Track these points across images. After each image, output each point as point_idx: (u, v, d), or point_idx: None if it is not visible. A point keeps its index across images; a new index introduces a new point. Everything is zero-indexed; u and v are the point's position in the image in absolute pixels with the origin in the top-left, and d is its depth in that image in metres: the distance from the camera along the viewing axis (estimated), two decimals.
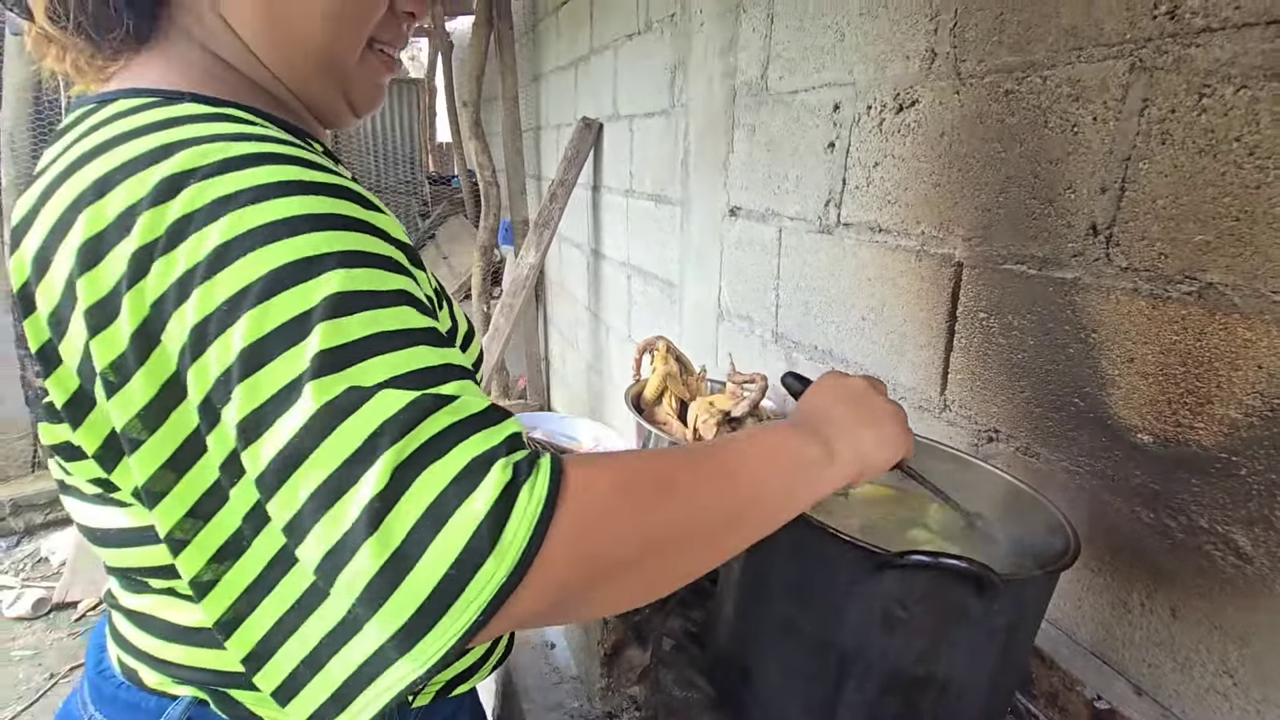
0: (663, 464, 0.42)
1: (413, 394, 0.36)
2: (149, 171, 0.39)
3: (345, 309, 0.37)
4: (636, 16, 2.00)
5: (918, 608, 0.51)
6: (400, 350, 0.37)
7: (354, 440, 0.35)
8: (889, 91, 1.03)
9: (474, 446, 0.36)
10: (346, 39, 0.52)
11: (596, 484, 0.38)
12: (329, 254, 0.38)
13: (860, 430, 0.50)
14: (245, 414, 0.36)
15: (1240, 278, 0.62)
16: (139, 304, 0.38)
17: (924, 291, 0.99)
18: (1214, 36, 0.62)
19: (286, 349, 0.36)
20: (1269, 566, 0.62)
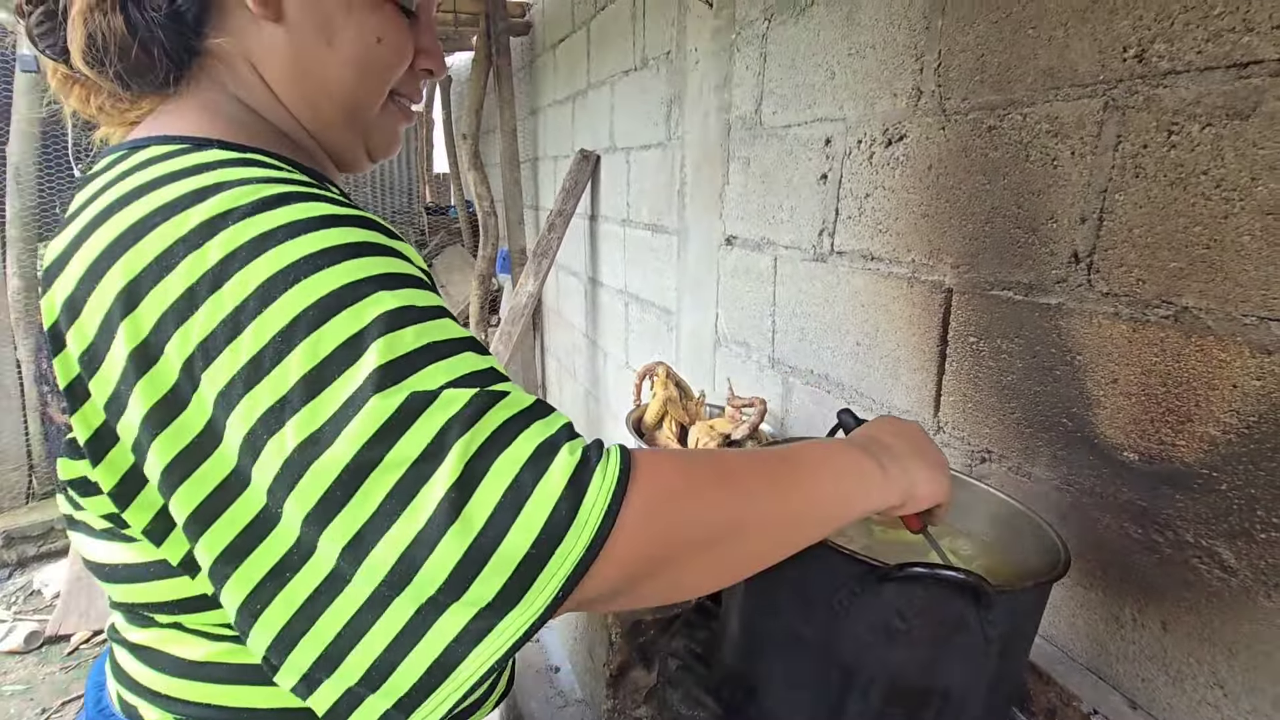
0: (725, 459, 0.45)
1: (471, 391, 0.38)
2: (186, 214, 0.40)
3: (396, 324, 0.39)
4: (633, 54, 2.07)
5: (917, 619, 0.53)
6: (452, 357, 0.40)
7: (423, 439, 0.36)
8: (878, 127, 1.08)
9: (536, 434, 0.38)
10: (371, 91, 0.55)
11: (664, 470, 0.40)
12: (370, 277, 0.40)
13: (913, 460, 0.53)
14: (307, 434, 0.37)
15: (1213, 302, 0.65)
16: (184, 343, 0.39)
17: (916, 317, 1.03)
18: (1179, 78, 0.67)
19: (345, 369, 0.37)
20: (1252, 578, 0.64)
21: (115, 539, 0.47)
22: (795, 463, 0.47)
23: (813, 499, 0.47)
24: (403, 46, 0.55)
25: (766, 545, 0.45)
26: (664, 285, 1.99)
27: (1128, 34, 0.71)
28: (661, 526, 0.39)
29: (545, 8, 3.03)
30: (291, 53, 0.52)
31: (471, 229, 4.94)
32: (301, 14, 0.51)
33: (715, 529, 0.42)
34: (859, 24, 1.10)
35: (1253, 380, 0.63)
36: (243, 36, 0.52)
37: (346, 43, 0.52)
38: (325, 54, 0.52)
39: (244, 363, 0.38)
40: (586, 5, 2.46)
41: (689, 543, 0.41)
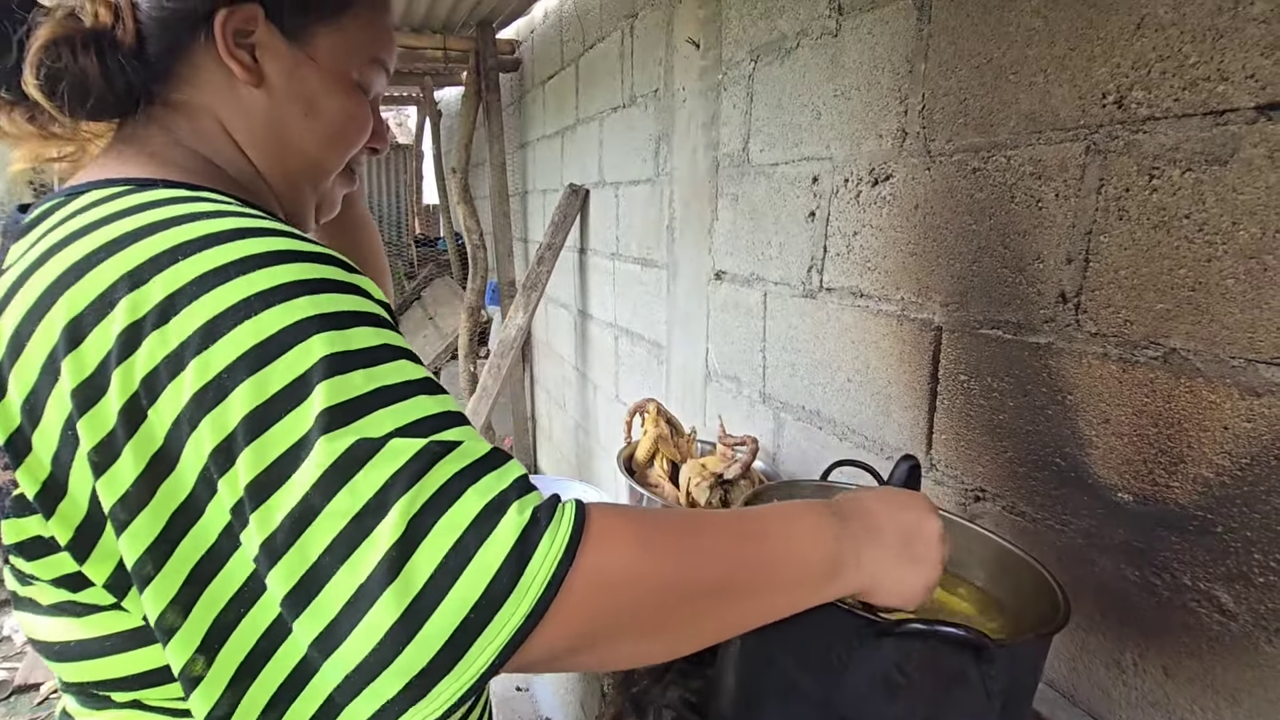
0: (689, 532, 0.42)
1: (420, 441, 0.37)
2: (130, 250, 0.39)
3: (345, 366, 0.38)
4: (621, 91, 2.10)
5: (917, 674, 0.52)
6: (403, 401, 0.39)
7: (367, 491, 0.35)
8: (864, 166, 1.09)
9: (485, 490, 0.37)
10: (337, 159, 0.60)
11: (619, 539, 0.39)
12: (322, 315, 0.39)
13: (894, 561, 0.49)
14: (253, 475, 0.36)
15: (1201, 344, 0.66)
16: (128, 381, 0.37)
17: (906, 354, 1.03)
18: (1158, 124, 0.68)
19: (291, 409, 0.36)
20: (1252, 623, 0.63)
21: (67, 614, 0.45)
22: (760, 544, 0.45)
23: (771, 588, 0.45)
24: (366, 125, 0.60)
25: (713, 629, 0.44)
26: (654, 319, 2.00)
27: (1106, 81, 0.72)
28: (609, 599, 0.38)
29: (534, 45, 3.09)
30: (269, 116, 0.54)
31: (461, 261, 4.95)
32: (284, 84, 0.54)
33: (664, 608, 0.40)
34: (843, 66, 1.12)
35: (1243, 422, 0.63)
36: (214, 95, 0.53)
37: (326, 117, 0.56)
38: (302, 123, 0.56)
39: (187, 399, 0.37)
40: (575, 44, 2.50)
41: (636, 617, 0.39)
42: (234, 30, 0.52)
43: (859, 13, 1.08)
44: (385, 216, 6.66)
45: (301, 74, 0.54)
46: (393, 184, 6.97)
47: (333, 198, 0.64)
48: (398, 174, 6.82)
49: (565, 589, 0.36)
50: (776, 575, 0.45)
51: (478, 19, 3.13)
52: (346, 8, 0.56)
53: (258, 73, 0.53)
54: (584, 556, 0.37)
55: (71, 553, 0.42)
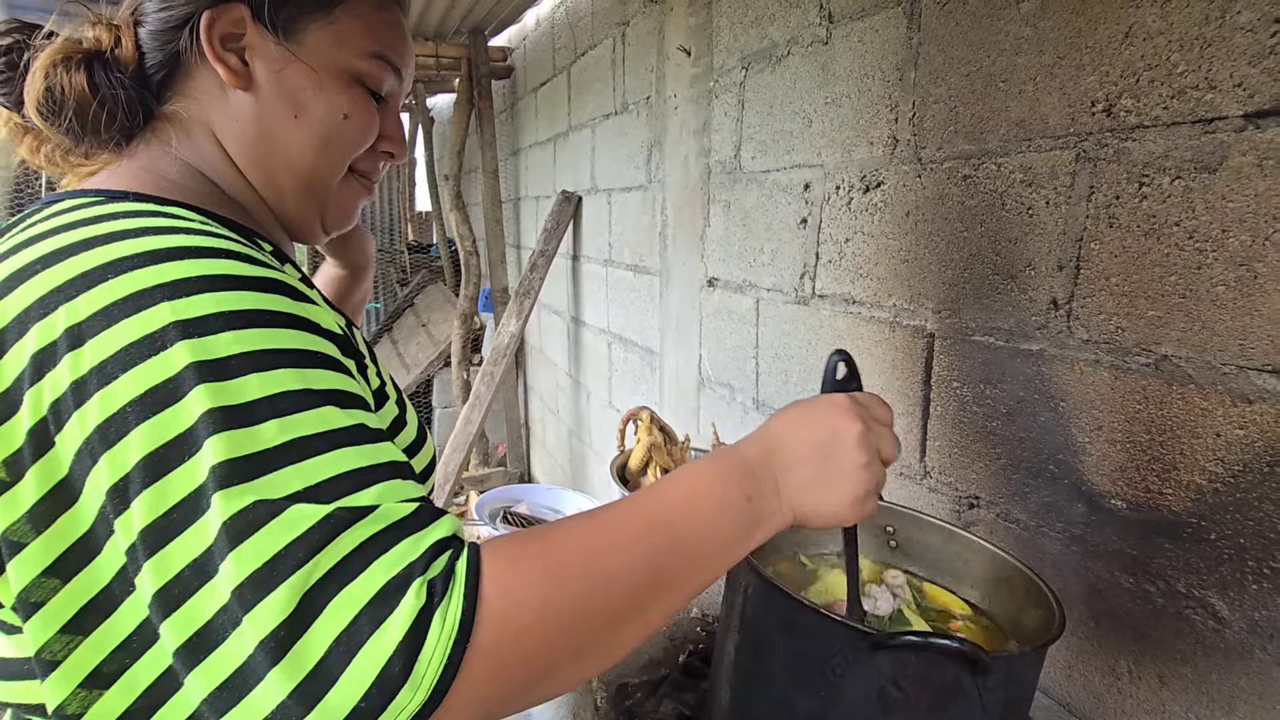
0: (595, 549, 0.40)
1: (325, 509, 0.35)
2: (67, 264, 0.38)
3: (257, 415, 0.36)
4: (613, 99, 2.10)
5: (912, 687, 0.51)
6: (319, 455, 0.36)
7: (256, 561, 0.33)
8: (856, 173, 1.09)
9: (390, 565, 0.35)
10: (331, 164, 0.56)
11: (519, 590, 0.36)
12: (245, 354, 0.37)
13: (810, 493, 0.47)
14: (146, 523, 0.34)
15: (1192, 350, 0.66)
16: (38, 403, 0.36)
17: (899, 361, 1.03)
18: (1147, 132, 0.68)
19: (188, 458, 0.35)
20: (1246, 630, 0.63)
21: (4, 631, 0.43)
22: (671, 539, 0.42)
23: (691, 571, 0.43)
24: (368, 126, 0.56)
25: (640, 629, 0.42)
26: (647, 325, 1.99)
27: (1095, 89, 0.73)
28: (513, 665, 0.36)
29: (526, 52, 3.09)
30: (257, 121, 0.53)
31: (454, 268, 4.94)
32: (272, 85, 0.52)
33: (578, 645, 0.39)
34: (834, 74, 1.12)
35: (1235, 429, 0.63)
36: (207, 103, 0.52)
37: (314, 117, 0.53)
38: (290, 125, 0.53)
39: (90, 431, 0.35)
40: (567, 51, 2.50)
41: (546, 667, 0.38)
42: (222, 34, 0.51)
43: (849, 21, 1.08)
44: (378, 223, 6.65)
45: (289, 73, 0.52)
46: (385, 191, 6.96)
47: (343, 207, 0.60)
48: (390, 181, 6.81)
49: (465, 668, 0.34)
50: (694, 557, 0.43)
51: (469, 26, 3.14)
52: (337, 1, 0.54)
53: (247, 76, 0.52)
54: (479, 634, 0.35)
55: None
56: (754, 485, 0.46)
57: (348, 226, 0.62)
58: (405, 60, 0.58)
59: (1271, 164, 0.59)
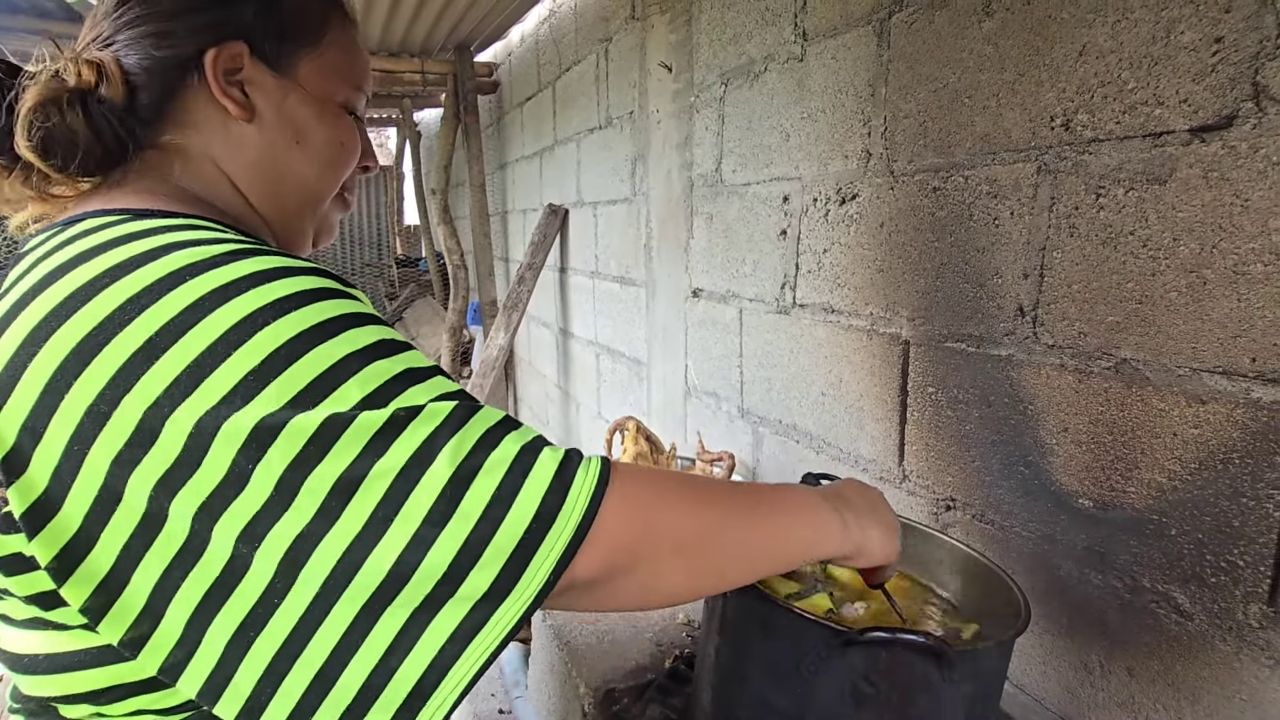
0: (699, 482, 0.48)
1: (453, 403, 0.41)
2: (137, 274, 0.40)
3: (372, 356, 0.42)
4: (597, 113, 2.13)
5: (884, 682, 0.53)
6: (429, 380, 0.43)
7: (413, 444, 0.39)
8: (832, 186, 1.12)
9: (518, 438, 0.42)
10: (330, 185, 0.61)
11: (640, 476, 0.45)
12: (339, 316, 0.42)
13: (869, 519, 0.57)
14: (295, 451, 0.38)
15: (1149, 354, 0.69)
16: (146, 393, 0.38)
17: (877, 368, 1.05)
18: (1103, 146, 0.71)
19: (324, 398, 0.39)
20: (1207, 622, 0.66)
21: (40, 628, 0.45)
22: (765, 497, 0.52)
23: (777, 532, 0.51)
24: (355, 149, 0.61)
25: (733, 564, 0.49)
26: (634, 336, 2.01)
27: (1053, 104, 0.76)
28: (640, 521, 0.43)
29: (512, 68, 3.12)
30: (261, 149, 0.56)
31: (442, 281, 4.95)
32: (274, 116, 0.56)
33: (688, 535, 0.45)
34: (810, 90, 1.15)
35: (1190, 429, 0.66)
36: (208, 134, 0.54)
37: (316, 145, 0.58)
38: (294, 152, 0.57)
39: (214, 402, 0.38)
40: (551, 67, 2.54)
41: (664, 541, 0.44)
42: (224, 69, 0.53)
43: (822, 38, 1.11)
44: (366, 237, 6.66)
45: (290, 103, 0.56)
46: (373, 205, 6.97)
47: (330, 222, 0.66)
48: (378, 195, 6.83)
49: (603, 510, 0.41)
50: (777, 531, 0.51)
51: (455, 43, 3.17)
52: (325, 29, 0.58)
53: (249, 108, 0.55)
54: (615, 486, 0.42)
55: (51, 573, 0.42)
56: (835, 509, 0.55)
57: (328, 242, 0.67)
58: (369, 81, 0.64)
59: (1216, 176, 0.62)
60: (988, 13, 0.82)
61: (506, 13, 2.76)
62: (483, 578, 0.38)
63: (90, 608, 0.42)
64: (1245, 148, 0.60)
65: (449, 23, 2.88)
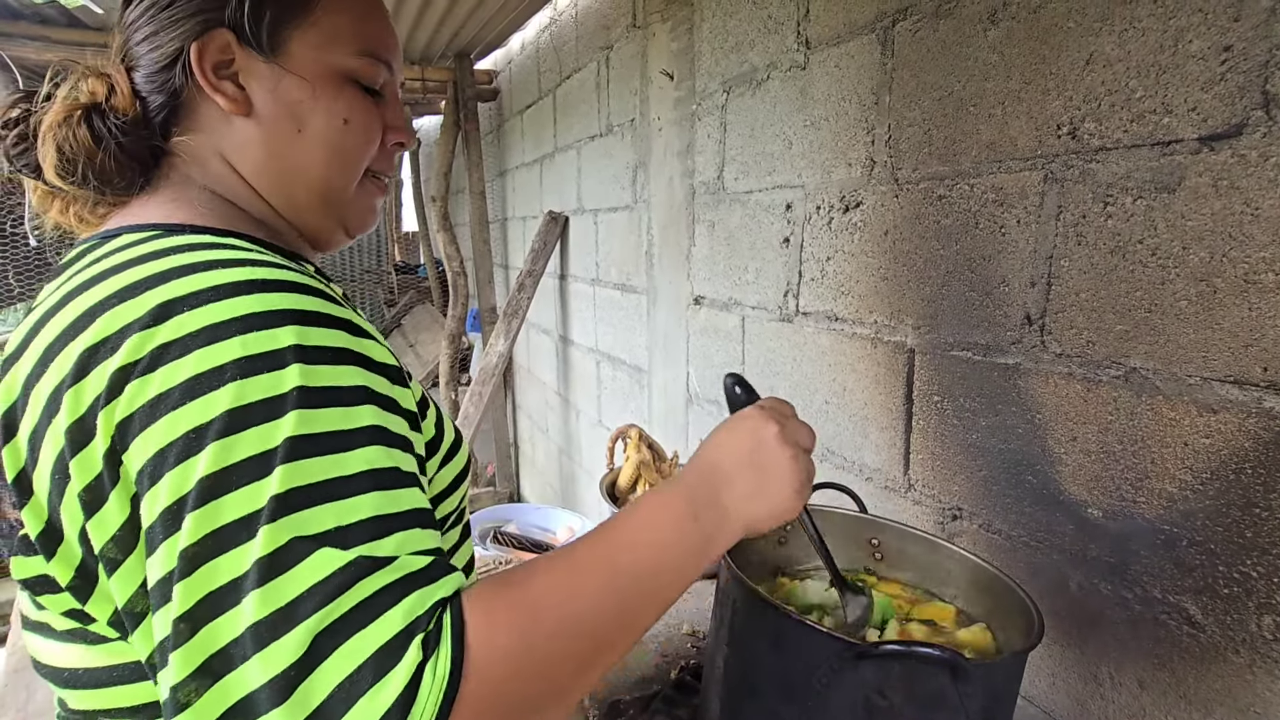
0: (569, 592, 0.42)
1: (349, 555, 0.37)
2: (146, 296, 0.40)
3: (308, 450, 0.38)
4: (598, 121, 2.14)
5: (897, 695, 0.52)
6: (355, 496, 0.38)
7: (280, 599, 0.35)
8: (835, 194, 1.12)
9: (399, 619, 0.36)
10: (345, 172, 0.56)
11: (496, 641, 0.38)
12: (302, 389, 0.39)
13: (752, 491, 0.50)
14: (193, 540, 0.36)
15: (1159, 363, 0.68)
16: (108, 424, 0.38)
17: (881, 376, 1.05)
18: (1110, 154, 0.71)
19: (247, 484, 0.36)
20: (1220, 634, 0.65)
21: (79, 640, 0.45)
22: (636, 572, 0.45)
23: (657, 594, 0.46)
24: (370, 125, 0.56)
25: (613, 658, 0.45)
26: (635, 343, 2.01)
27: (1060, 113, 0.76)
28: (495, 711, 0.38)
29: (512, 76, 3.13)
30: (264, 144, 0.53)
31: (441, 288, 4.94)
32: (270, 106, 0.53)
33: (558, 684, 0.41)
34: (813, 98, 1.15)
35: (1202, 438, 0.65)
36: (213, 133, 0.53)
37: (317, 129, 0.54)
38: (297, 141, 0.54)
39: (150, 455, 0.37)
40: (552, 74, 2.54)
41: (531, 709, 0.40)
42: (213, 63, 0.52)
43: (825, 47, 1.11)
44: (364, 244, 6.65)
45: (283, 89, 0.52)
46: None
47: (362, 211, 0.60)
48: None
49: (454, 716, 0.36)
50: (655, 586, 0.46)
51: (455, 50, 3.17)
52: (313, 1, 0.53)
53: (245, 101, 0.52)
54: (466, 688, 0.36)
55: (72, 593, 0.42)
56: (699, 507, 0.48)
57: (370, 227, 0.62)
58: (393, 50, 0.58)
59: (1225, 184, 0.62)
60: (993, 21, 0.83)
61: (507, 21, 2.76)
62: None
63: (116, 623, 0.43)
64: (1255, 156, 0.60)
65: (450, 30, 2.89)
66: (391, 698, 0.34)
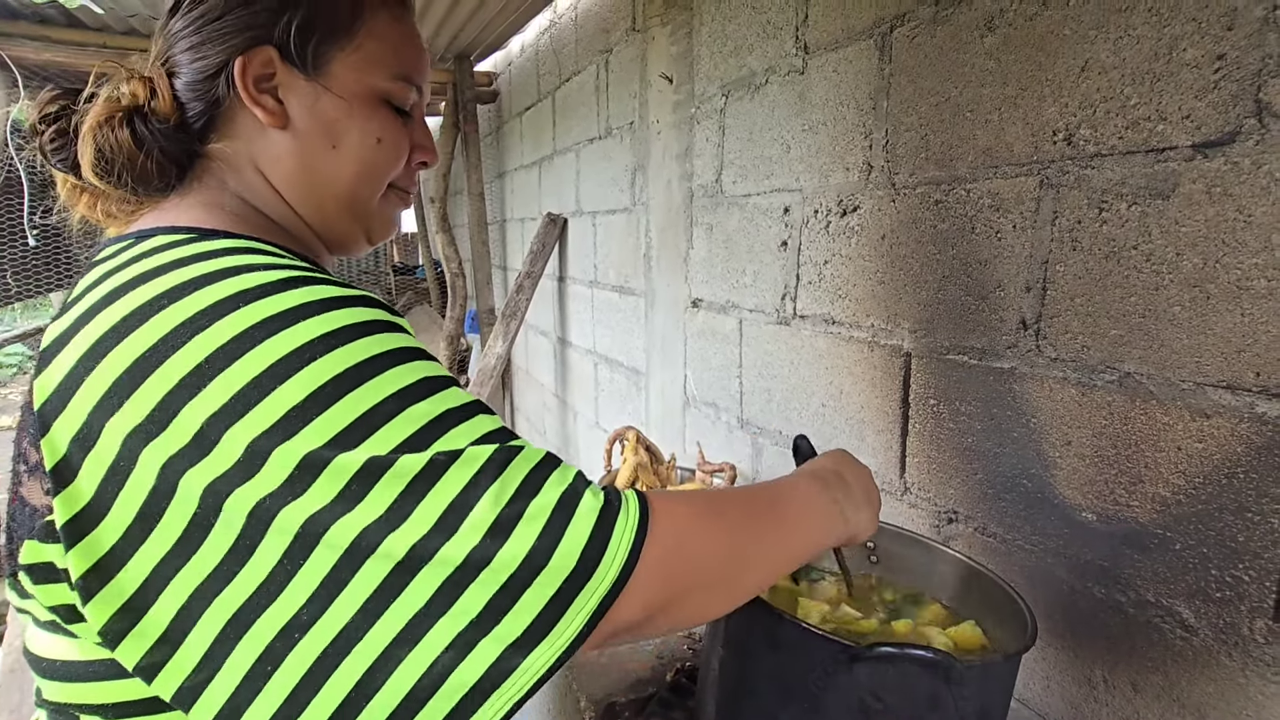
0: (726, 505, 0.50)
1: (493, 446, 0.42)
2: (194, 297, 0.42)
3: (413, 397, 0.42)
4: (597, 124, 2.14)
5: (891, 697, 0.53)
6: (467, 421, 0.43)
7: (453, 491, 0.39)
8: (833, 198, 1.13)
9: (559, 481, 0.42)
10: (373, 187, 0.59)
11: (678, 515, 0.45)
12: (383, 353, 0.42)
13: (862, 502, 0.60)
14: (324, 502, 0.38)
15: (1153, 368, 0.69)
16: (193, 419, 0.39)
17: (878, 380, 1.05)
18: (1105, 160, 0.72)
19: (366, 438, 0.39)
20: (1212, 637, 0.65)
21: (58, 633, 0.45)
22: (780, 505, 0.54)
23: (791, 538, 0.53)
24: (400, 144, 0.59)
25: (760, 576, 0.51)
26: (632, 345, 2.01)
27: (1056, 119, 0.76)
28: (678, 565, 0.44)
29: (512, 78, 3.14)
30: (298, 156, 0.55)
31: (439, 289, 4.95)
32: (307, 121, 0.55)
33: (721, 567, 0.47)
34: (811, 102, 1.16)
35: (1195, 443, 0.66)
36: (249, 142, 0.55)
37: (350, 145, 0.56)
38: (330, 156, 0.56)
39: (256, 435, 0.39)
40: (551, 77, 2.55)
41: (700, 578, 0.46)
42: (255, 76, 0.53)
43: (824, 52, 1.12)
44: None
45: (321, 107, 0.55)
46: None
47: (385, 221, 0.63)
48: None
49: (642, 558, 0.41)
50: (792, 539, 0.53)
51: (455, 52, 3.18)
52: (358, 23, 0.55)
53: (283, 115, 0.54)
54: (654, 531, 0.42)
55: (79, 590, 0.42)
56: (833, 499, 0.58)
57: (390, 235, 0.66)
58: (425, 74, 0.61)
59: (1219, 191, 0.63)
60: (990, 28, 0.83)
61: (507, 23, 2.77)
62: (518, 623, 0.38)
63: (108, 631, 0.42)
64: (1248, 164, 0.60)
65: (449, 32, 2.90)
66: (587, 530, 0.40)
